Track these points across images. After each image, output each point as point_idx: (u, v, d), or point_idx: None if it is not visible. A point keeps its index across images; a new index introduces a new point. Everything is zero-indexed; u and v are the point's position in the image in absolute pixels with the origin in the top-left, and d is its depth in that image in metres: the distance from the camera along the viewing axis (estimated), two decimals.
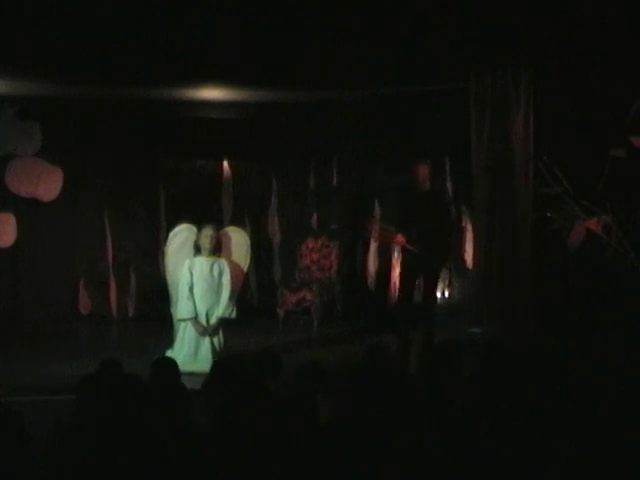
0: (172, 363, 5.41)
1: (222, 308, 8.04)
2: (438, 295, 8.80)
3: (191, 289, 8.04)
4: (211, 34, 7.92)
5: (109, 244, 10.80)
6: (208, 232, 8.09)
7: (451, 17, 7.89)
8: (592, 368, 5.19)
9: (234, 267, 8.24)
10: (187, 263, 8.08)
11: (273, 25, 7.91)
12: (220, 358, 7.64)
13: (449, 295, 10.32)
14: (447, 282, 10.22)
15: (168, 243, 8.34)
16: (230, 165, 11.11)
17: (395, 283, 10.50)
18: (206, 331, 7.98)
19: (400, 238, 8.28)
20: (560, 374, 4.90)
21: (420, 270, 8.34)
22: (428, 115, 9.75)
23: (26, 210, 10.18)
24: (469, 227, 9.77)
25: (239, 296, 8.37)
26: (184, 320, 8.04)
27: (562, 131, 8.59)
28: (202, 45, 8.06)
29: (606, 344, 7.26)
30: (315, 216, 11.06)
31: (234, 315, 8.09)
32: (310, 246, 10.64)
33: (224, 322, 8.07)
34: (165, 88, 9.64)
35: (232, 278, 8.13)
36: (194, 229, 8.19)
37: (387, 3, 7.90)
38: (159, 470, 3.31)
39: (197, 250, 8.12)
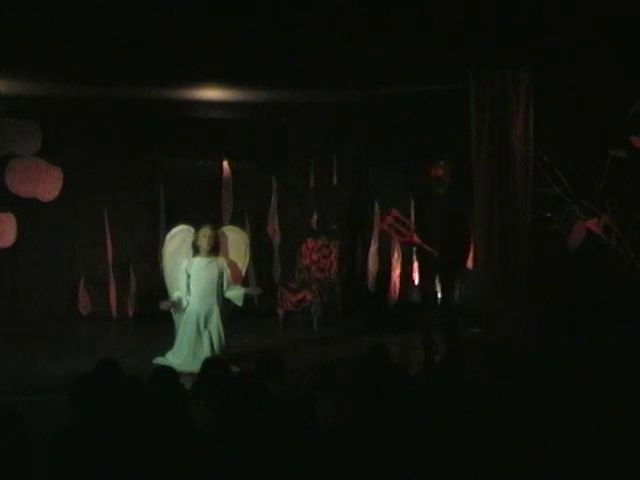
0: (172, 372, 5.36)
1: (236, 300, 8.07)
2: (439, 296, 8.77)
3: (187, 286, 8.04)
4: (210, 34, 7.91)
5: (109, 244, 10.79)
6: (206, 232, 8.07)
7: (451, 17, 7.88)
8: (592, 368, 5.19)
9: (232, 265, 8.23)
10: (185, 264, 8.06)
11: (273, 25, 7.91)
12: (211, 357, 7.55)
13: None
14: None
15: (165, 245, 8.34)
16: (230, 165, 11.10)
17: (395, 283, 10.49)
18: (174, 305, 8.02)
19: (416, 238, 8.28)
20: (560, 375, 4.90)
21: (438, 272, 8.34)
22: (428, 115, 9.74)
23: (26, 210, 10.18)
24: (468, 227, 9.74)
25: None
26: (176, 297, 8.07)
27: (562, 131, 8.58)
28: (202, 45, 8.06)
29: (606, 344, 7.26)
30: (315, 216, 11.05)
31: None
32: (310, 246, 10.63)
33: (225, 321, 8.08)
34: (165, 88, 9.64)
35: (231, 276, 8.14)
36: (191, 230, 8.18)
37: (387, 3, 7.89)
38: (158, 470, 3.31)
39: (195, 251, 8.10)
